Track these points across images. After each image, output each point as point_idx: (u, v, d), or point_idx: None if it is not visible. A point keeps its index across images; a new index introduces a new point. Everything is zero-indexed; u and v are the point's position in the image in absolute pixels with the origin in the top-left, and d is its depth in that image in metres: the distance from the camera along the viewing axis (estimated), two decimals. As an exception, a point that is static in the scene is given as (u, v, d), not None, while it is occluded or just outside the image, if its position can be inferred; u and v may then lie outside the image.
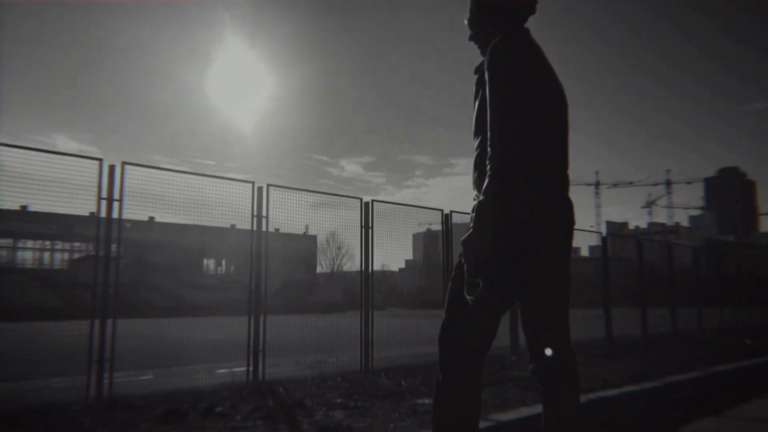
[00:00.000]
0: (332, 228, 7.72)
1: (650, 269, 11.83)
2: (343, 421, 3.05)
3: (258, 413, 3.29)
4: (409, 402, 3.56)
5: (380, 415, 3.22)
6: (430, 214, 8.17)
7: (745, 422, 4.04)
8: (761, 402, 4.86)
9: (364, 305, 6.74)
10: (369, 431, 2.89)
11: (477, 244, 1.85)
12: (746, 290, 15.83)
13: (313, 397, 3.75)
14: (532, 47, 2.09)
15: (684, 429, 3.81)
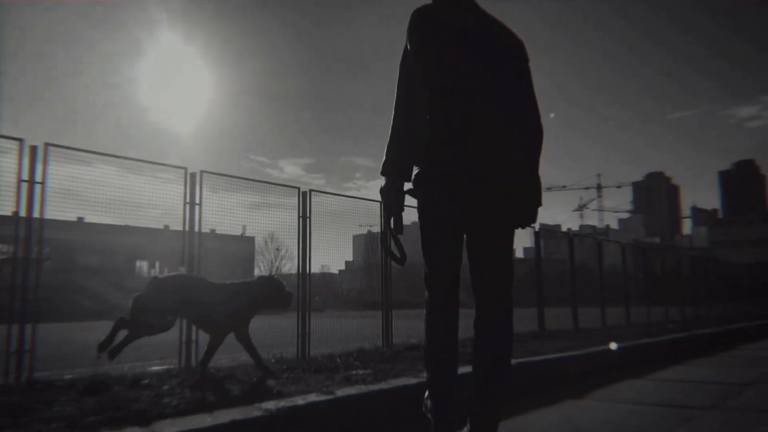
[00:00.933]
0: (271, 229, 7.56)
1: (582, 268, 12.20)
2: (274, 387, 2.98)
3: (186, 383, 3.19)
4: (343, 374, 3.51)
5: (313, 383, 3.18)
6: (371, 217, 8.09)
7: (661, 382, 4.56)
8: (678, 368, 5.51)
9: (302, 292, 6.59)
10: (298, 392, 2.87)
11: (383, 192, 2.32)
12: (671, 289, 16.58)
13: (245, 374, 3.64)
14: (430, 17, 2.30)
15: (608, 387, 4.20)
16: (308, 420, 2.49)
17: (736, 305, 20.89)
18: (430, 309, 2.29)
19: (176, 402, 2.66)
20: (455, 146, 2.20)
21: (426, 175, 2.26)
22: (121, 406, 2.58)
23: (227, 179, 6.14)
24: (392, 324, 7.49)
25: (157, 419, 2.25)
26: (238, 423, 2.19)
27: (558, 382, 4.39)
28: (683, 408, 3.41)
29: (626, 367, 5.33)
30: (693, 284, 18.38)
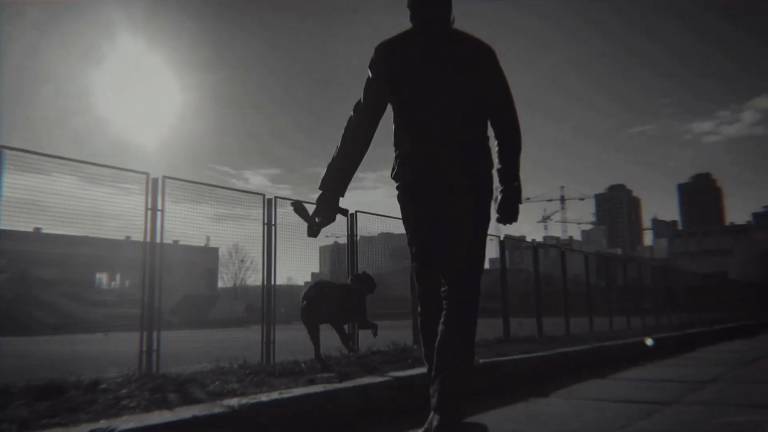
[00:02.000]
0: (235, 241, 7.45)
1: (546, 278, 12.33)
2: (237, 390, 2.91)
3: (146, 387, 3.09)
4: (307, 377, 3.45)
5: (277, 385, 3.11)
6: (338, 228, 8.00)
7: (624, 381, 4.67)
8: (640, 368, 5.64)
9: (266, 300, 6.50)
10: (260, 392, 2.81)
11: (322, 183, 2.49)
12: (633, 298, 16.89)
13: (209, 377, 3.55)
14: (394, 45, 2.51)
15: (572, 386, 4.25)
16: (272, 417, 2.44)
17: (695, 313, 21.40)
18: (422, 303, 2.53)
19: (135, 404, 2.58)
20: (431, 159, 2.41)
21: (410, 186, 2.47)
22: (78, 409, 2.49)
23: (190, 189, 6.01)
24: (359, 333, 7.44)
25: (115, 417, 2.18)
26: (200, 419, 2.13)
27: (524, 381, 4.42)
28: (644, 403, 3.46)
29: (590, 368, 5.40)
30: (654, 294, 18.77)
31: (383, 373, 3.41)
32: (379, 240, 13.02)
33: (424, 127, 2.44)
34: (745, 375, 4.88)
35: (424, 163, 2.42)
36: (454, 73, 2.45)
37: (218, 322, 29.93)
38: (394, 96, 2.49)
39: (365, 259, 11.02)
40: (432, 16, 2.46)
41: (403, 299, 8.97)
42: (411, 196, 2.48)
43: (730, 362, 5.96)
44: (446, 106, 2.43)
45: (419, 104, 2.46)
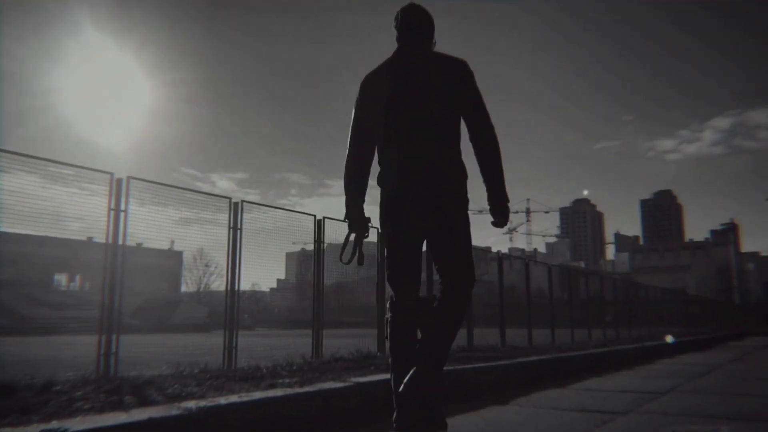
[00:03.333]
0: (201, 245, 7.35)
1: (510, 290, 12.45)
2: (196, 393, 2.86)
3: (102, 389, 3.01)
4: (269, 382, 3.42)
5: (237, 389, 3.08)
6: (305, 234, 7.93)
7: (582, 391, 4.75)
8: (599, 379, 5.74)
9: (229, 306, 6.42)
10: (220, 396, 2.78)
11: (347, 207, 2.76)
12: (594, 312, 17.17)
13: (168, 381, 3.49)
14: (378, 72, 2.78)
15: (532, 395, 4.30)
16: (230, 420, 2.42)
17: (655, 327, 21.85)
18: (393, 306, 2.66)
19: (90, 406, 2.53)
20: (413, 172, 2.63)
21: (393, 196, 2.67)
22: (29, 410, 2.43)
23: (156, 190, 5.91)
24: (323, 339, 7.40)
25: (68, 418, 2.13)
26: (156, 421, 2.10)
27: (485, 389, 4.45)
28: (601, 413, 3.52)
29: (550, 378, 5.48)
30: (615, 307, 19.11)
31: (344, 379, 3.41)
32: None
33: (406, 141, 2.65)
34: (699, 386, 5.00)
35: (408, 173, 2.63)
36: (433, 91, 2.68)
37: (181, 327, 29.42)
38: (379, 117, 2.71)
39: (332, 266, 10.99)
40: (414, 39, 2.77)
41: (368, 307, 8.96)
42: (395, 203, 2.66)
43: (685, 374, 6.10)
44: (425, 123, 2.65)
45: (401, 120, 2.67)
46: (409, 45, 2.78)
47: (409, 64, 2.74)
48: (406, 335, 2.59)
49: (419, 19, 2.81)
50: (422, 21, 2.81)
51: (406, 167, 2.64)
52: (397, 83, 2.71)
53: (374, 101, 2.72)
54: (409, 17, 2.80)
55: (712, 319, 34.49)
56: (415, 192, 2.62)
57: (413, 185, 2.62)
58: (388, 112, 2.70)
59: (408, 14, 2.81)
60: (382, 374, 3.78)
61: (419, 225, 2.64)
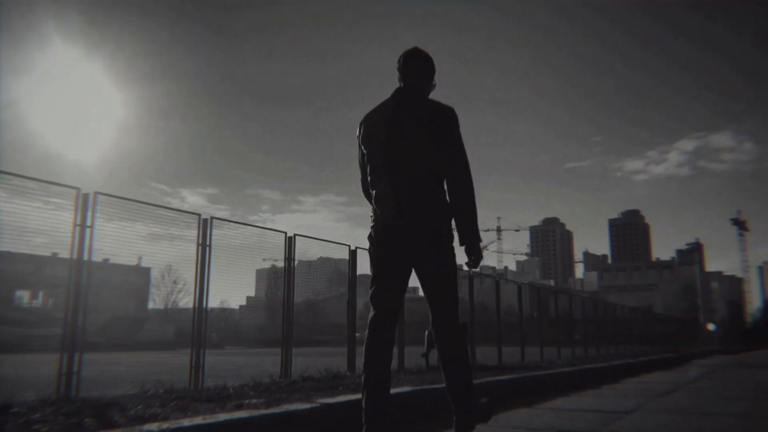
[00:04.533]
0: (169, 261, 7.24)
1: (480, 307, 12.53)
2: (160, 414, 2.80)
3: (62, 411, 2.92)
4: (235, 402, 3.37)
5: (202, 410, 3.02)
6: (276, 251, 7.86)
7: (548, 410, 4.80)
8: (565, 398, 5.80)
9: (197, 324, 6.33)
10: (183, 416, 2.73)
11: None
12: (563, 330, 17.35)
13: (131, 401, 3.40)
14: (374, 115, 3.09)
15: (499, 415, 4.29)
16: (194, 443, 2.38)
17: (622, 345, 22.14)
18: (373, 325, 2.87)
19: (48, 428, 2.47)
20: (403, 208, 2.88)
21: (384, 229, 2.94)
22: (-15, 434, 2.36)
23: (123, 206, 5.83)
24: (292, 358, 7.33)
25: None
26: (117, 445, 2.06)
27: (451, 412, 4.45)
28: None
29: (518, 396, 5.51)
30: (584, 325, 19.33)
31: (312, 400, 3.39)
32: (318, 265, 12.92)
33: (397, 180, 2.92)
34: (663, 406, 5.08)
35: (398, 214, 2.89)
36: (423, 137, 2.94)
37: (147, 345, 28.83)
38: (375, 155, 3.01)
39: (303, 284, 10.88)
40: (409, 88, 3.05)
41: (339, 325, 8.91)
42: (386, 235, 2.93)
43: (650, 393, 6.19)
44: (415, 165, 2.92)
45: (394, 161, 2.94)
46: (408, 91, 3.05)
47: (401, 109, 3.00)
48: (380, 356, 2.81)
49: (420, 68, 3.08)
50: (423, 69, 3.08)
51: (395, 205, 2.90)
52: (392, 126, 2.98)
53: (370, 144, 3.03)
54: (411, 65, 3.07)
55: (678, 338, 35.11)
56: (405, 228, 2.87)
57: (404, 221, 2.88)
58: (382, 151, 2.98)
59: (410, 62, 3.08)
60: (350, 395, 3.77)
61: (407, 259, 2.91)
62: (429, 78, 3.10)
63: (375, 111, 3.10)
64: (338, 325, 9.06)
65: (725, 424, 4.00)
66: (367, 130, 3.07)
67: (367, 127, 3.07)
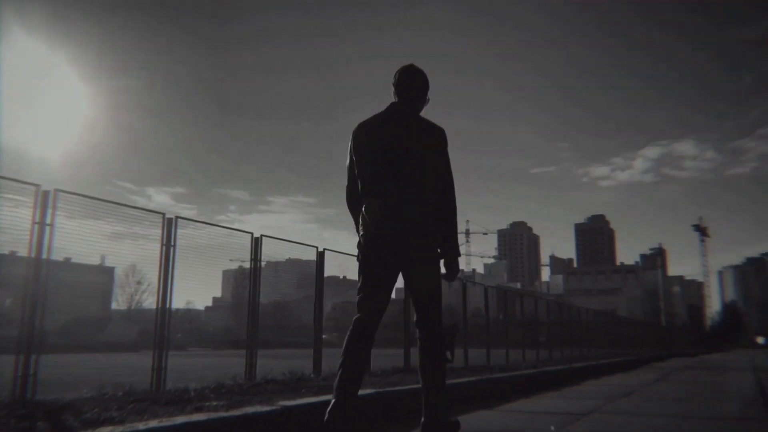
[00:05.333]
0: (133, 261, 7.15)
1: (448, 310, 12.64)
2: (116, 418, 2.76)
3: (14, 415, 2.85)
4: (195, 405, 3.34)
5: (161, 413, 2.99)
6: (244, 252, 7.80)
7: (508, 413, 4.87)
8: (526, 400, 5.89)
9: (159, 326, 6.25)
10: (139, 420, 2.70)
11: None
12: (528, 332, 17.58)
13: (88, 404, 3.34)
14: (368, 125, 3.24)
15: (460, 417, 4.29)
16: (150, 446, 2.37)
17: (586, 348, 22.51)
18: (356, 326, 3.06)
19: (-1, 433, 2.43)
20: (394, 217, 3.06)
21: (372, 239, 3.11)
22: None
23: (86, 204, 5.74)
24: (257, 360, 7.28)
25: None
26: (69, 449, 2.04)
27: (414, 411, 4.48)
28: (525, 434, 3.62)
29: (480, 399, 5.58)
30: (549, 328, 19.60)
31: (273, 403, 3.39)
32: (286, 266, 12.83)
33: (389, 194, 3.09)
34: (620, 408, 5.20)
35: (386, 222, 3.07)
36: (414, 152, 3.13)
37: (110, 346, 28.26)
38: (366, 167, 3.16)
39: (269, 285, 10.83)
40: (403, 104, 3.24)
41: (307, 327, 8.89)
42: (376, 244, 3.11)
43: (609, 395, 6.32)
44: (406, 178, 3.09)
45: (385, 173, 3.11)
46: (402, 107, 3.24)
47: (395, 124, 3.18)
48: (359, 347, 3.03)
49: (415, 84, 3.28)
50: (418, 86, 3.28)
51: (386, 215, 3.07)
52: (382, 140, 3.15)
53: (361, 153, 3.18)
54: (406, 81, 3.27)
55: (640, 341, 35.83)
56: (395, 236, 3.06)
57: (393, 230, 3.06)
58: (374, 163, 3.14)
59: (405, 79, 3.27)
60: (312, 397, 3.78)
61: (393, 267, 3.12)
62: (423, 94, 3.30)
63: (369, 122, 3.25)
64: (306, 326, 9.05)
65: (674, 426, 4.13)
66: (360, 140, 3.20)
67: (361, 137, 3.21)
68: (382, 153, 3.12)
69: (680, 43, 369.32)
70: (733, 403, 5.47)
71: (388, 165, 3.10)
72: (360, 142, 3.19)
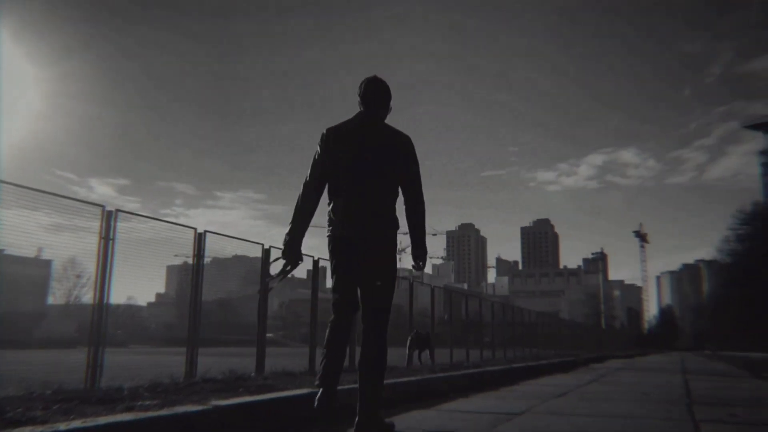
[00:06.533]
0: (72, 254, 6.94)
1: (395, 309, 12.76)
2: (39, 418, 2.68)
3: None
4: (127, 404, 3.28)
5: (89, 413, 2.92)
6: (189, 247, 7.67)
7: (445, 412, 4.93)
8: (464, 399, 6.00)
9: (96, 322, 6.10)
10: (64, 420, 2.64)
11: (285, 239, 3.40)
12: (473, 333, 17.87)
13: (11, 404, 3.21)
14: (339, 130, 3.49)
15: (394, 417, 4.38)
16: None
17: (528, 348, 23.02)
18: (332, 327, 3.35)
19: None
20: (354, 219, 3.30)
21: (337, 240, 3.36)
22: None
23: (22, 194, 5.55)
24: (198, 358, 7.17)
25: None
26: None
27: (349, 411, 4.52)
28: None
29: (418, 398, 5.66)
30: (493, 329, 19.97)
31: (206, 402, 3.36)
32: (233, 263, 12.63)
33: (352, 197, 3.32)
34: (553, 407, 5.36)
35: (349, 224, 3.31)
36: (379, 157, 3.36)
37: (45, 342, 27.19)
38: (334, 169, 3.38)
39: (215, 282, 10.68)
40: (371, 112, 3.49)
41: (252, 325, 8.82)
42: (338, 246, 3.36)
43: (544, 395, 6.51)
44: (369, 182, 3.33)
45: (351, 179, 3.33)
46: (368, 114, 3.48)
47: (365, 131, 3.43)
48: (335, 345, 3.32)
49: (380, 94, 3.53)
50: (383, 96, 3.54)
51: (349, 216, 3.31)
52: (352, 145, 3.38)
53: (329, 156, 3.39)
54: (370, 91, 3.52)
55: (581, 342, 36.88)
56: (354, 237, 3.29)
57: (353, 232, 3.29)
58: (340, 167, 3.36)
59: (370, 88, 3.53)
60: (248, 396, 3.76)
61: (356, 265, 3.33)
62: (387, 103, 3.57)
63: (339, 127, 3.48)
64: (252, 325, 8.96)
65: (603, 426, 4.29)
66: (328, 144, 3.42)
67: (330, 141, 3.42)
68: (349, 157, 3.34)
69: (625, 55, 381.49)
70: (660, 404, 5.71)
71: (354, 169, 3.32)
72: (329, 146, 3.40)
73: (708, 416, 4.79)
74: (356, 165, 3.34)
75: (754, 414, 4.99)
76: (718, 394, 7.09)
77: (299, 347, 11.99)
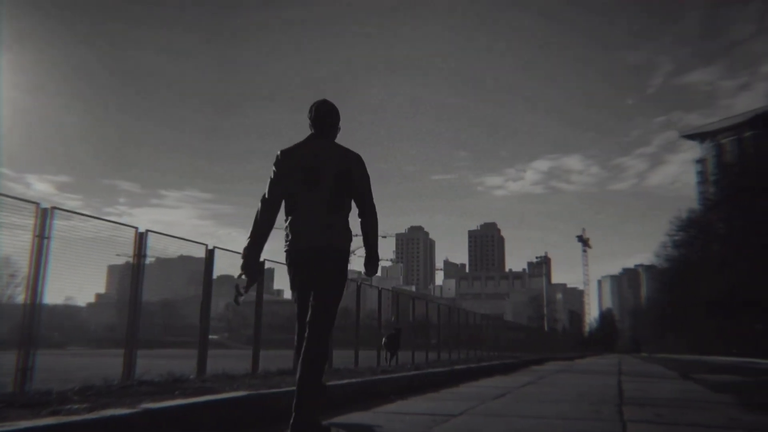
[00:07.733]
0: (7, 252, 6.69)
1: (342, 311, 12.72)
2: None
3: None
4: (53, 408, 3.18)
5: (12, 417, 2.80)
6: (130, 247, 7.48)
7: (383, 414, 4.98)
8: (404, 401, 6.04)
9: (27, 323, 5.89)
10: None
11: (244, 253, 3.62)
12: (419, 335, 18.01)
13: None
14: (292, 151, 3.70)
15: (333, 418, 4.45)
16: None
17: (473, 350, 23.37)
18: (300, 334, 3.57)
19: None
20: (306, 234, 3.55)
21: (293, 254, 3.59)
22: None
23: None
24: (137, 360, 7.01)
25: None
26: None
27: (282, 416, 4.50)
28: (394, 435, 3.74)
29: (358, 401, 5.69)
30: (439, 330, 20.17)
31: (136, 405, 3.29)
32: (177, 263, 12.35)
33: (304, 212, 3.56)
34: (490, 409, 5.47)
35: (303, 237, 3.54)
36: (330, 174, 3.58)
37: (-27, 344, 25.96)
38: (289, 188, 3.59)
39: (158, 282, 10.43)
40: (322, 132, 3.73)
41: (196, 327, 8.67)
42: (296, 260, 3.58)
43: (482, 397, 6.63)
44: (321, 198, 3.55)
45: (303, 195, 3.56)
46: (319, 135, 3.73)
47: (317, 151, 3.66)
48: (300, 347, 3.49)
49: (330, 116, 3.78)
50: (332, 117, 3.78)
51: (302, 231, 3.54)
52: (305, 164, 3.59)
53: (285, 175, 3.60)
54: (320, 114, 3.76)
55: (523, 344, 37.67)
56: (308, 250, 3.52)
57: (308, 245, 3.52)
58: (294, 186, 3.58)
59: (320, 111, 3.76)
60: (181, 399, 3.71)
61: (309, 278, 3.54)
62: (336, 123, 3.81)
63: (292, 149, 3.70)
64: (195, 326, 8.83)
65: (535, 426, 4.41)
66: (283, 164, 3.63)
67: (284, 161, 3.64)
68: (302, 176, 3.56)
69: (571, 63, 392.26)
70: (592, 405, 5.90)
71: (307, 187, 3.55)
72: (283, 166, 3.62)
73: (636, 416, 4.99)
74: (309, 183, 3.55)
75: (679, 414, 5.21)
76: (648, 395, 7.37)
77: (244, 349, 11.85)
